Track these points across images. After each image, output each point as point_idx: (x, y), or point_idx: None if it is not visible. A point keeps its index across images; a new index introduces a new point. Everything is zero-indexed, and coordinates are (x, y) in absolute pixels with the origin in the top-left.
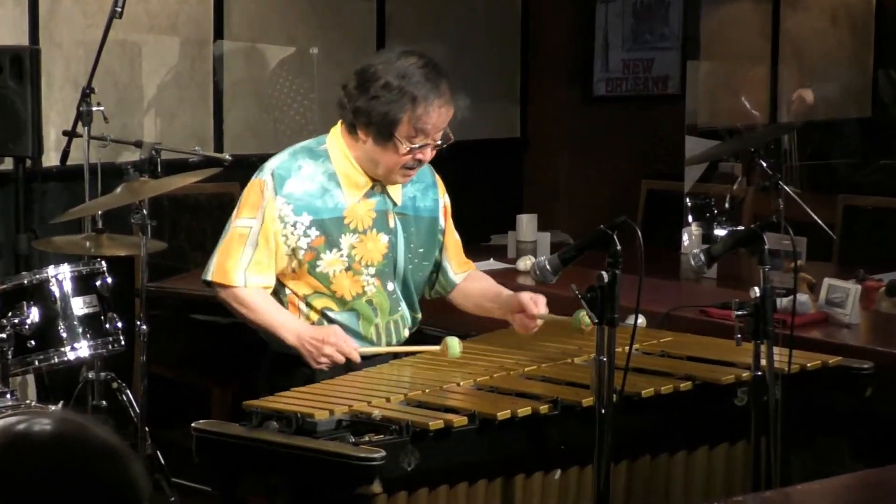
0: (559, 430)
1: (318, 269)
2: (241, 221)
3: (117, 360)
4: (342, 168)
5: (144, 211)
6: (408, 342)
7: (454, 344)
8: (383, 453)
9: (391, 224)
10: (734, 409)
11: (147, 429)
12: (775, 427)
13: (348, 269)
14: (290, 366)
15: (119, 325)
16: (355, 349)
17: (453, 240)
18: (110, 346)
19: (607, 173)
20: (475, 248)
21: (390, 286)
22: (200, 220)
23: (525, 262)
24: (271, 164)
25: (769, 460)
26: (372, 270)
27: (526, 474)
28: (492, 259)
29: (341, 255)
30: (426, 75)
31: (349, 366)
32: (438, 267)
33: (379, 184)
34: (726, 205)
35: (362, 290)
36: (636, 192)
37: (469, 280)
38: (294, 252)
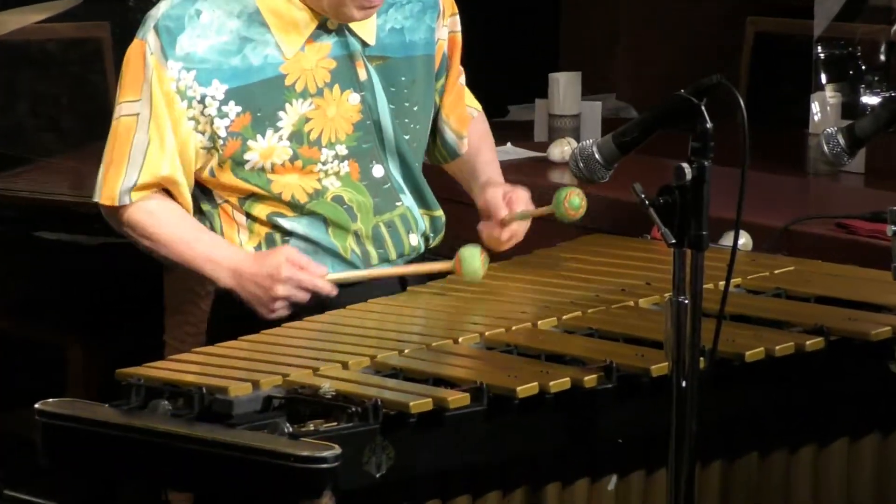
0: (615, 414)
1: (246, 167)
2: (123, 107)
3: None
4: (269, 2)
5: None
6: (423, 259)
7: (472, 257)
8: (338, 451)
9: (361, 76)
10: (890, 380)
11: None
12: None
13: (294, 158)
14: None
15: None
16: (324, 276)
17: (457, 85)
18: None
19: (691, 6)
20: None
21: (377, 171)
22: (52, 80)
23: (562, 149)
24: (154, 15)
25: None
26: (342, 150)
27: (563, 483)
28: (509, 144)
29: (280, 138)
30: None
31: (323, 303)
32: (434, 127)
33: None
34: (881, 57)
35: (321, 186)
36: (737, 37)
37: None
38: (213, 143)
